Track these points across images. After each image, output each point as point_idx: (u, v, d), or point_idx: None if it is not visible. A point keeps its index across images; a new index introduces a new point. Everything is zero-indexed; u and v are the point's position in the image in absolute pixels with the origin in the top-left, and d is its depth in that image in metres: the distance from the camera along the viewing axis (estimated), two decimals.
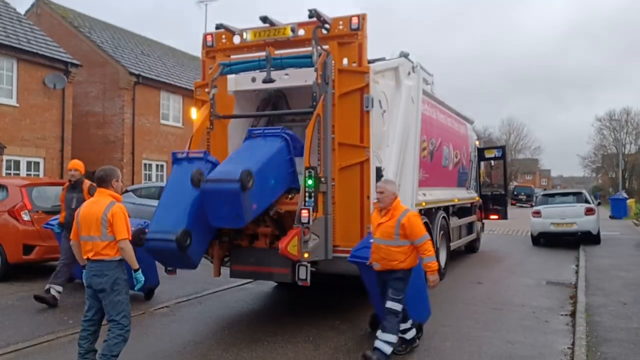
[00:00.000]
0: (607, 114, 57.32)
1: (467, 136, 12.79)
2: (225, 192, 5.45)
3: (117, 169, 5.00)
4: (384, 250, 5.18)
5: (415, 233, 5.13)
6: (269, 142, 6.20)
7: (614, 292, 8.40)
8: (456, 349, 5.66)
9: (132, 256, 4.55)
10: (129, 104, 19.64)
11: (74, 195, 7.51)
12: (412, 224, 5.14)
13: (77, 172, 7.66)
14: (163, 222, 5.74)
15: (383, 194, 5.29)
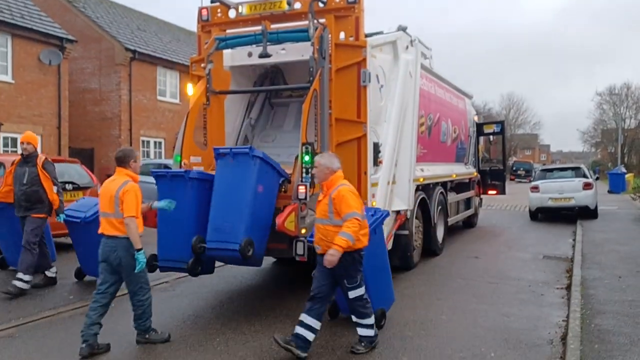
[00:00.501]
0: (607, 89, 57.12)
1: (465, 111, 12.74)
2: (228, 257, 5.65)
3: (135, 150, 5.14)
4: (322, 230, 4.72)
5: (343, 208, 4.55)
6: (242, 169, 5.55)
7: (609, 265, 8.48)
8: (452, 322, 5.74)
9: (135, 234, 4.67)
10: (126, 80, 19.48)
11: (26, 170, 6.90)
12: (341, 198, 4.59)
13: (30, 146, 6.99)
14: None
15: (317, 168, 4.89)
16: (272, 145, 7.70)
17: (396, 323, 5.69)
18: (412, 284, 7.48)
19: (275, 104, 8.29)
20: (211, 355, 4.76)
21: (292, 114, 7.97)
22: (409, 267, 8.19)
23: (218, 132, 7.33)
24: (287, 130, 7.78)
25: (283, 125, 7.96)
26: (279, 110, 8.22)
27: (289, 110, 8.07)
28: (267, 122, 8.14)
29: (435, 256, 9.39)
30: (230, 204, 5.51)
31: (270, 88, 8.05)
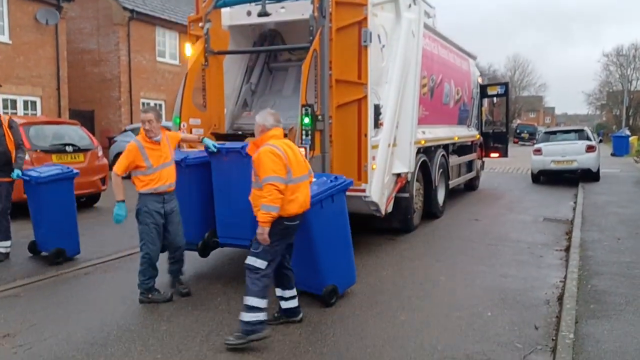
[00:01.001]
0: (614, 50, 55.96)
1: (469, 72, 12.54)
2: (242, 247, 5.56)
3: (152, 111, 5.25)
4: (251, 194, 4.30)
5: (260, 172, 4.10)
6: (237, 166, 5.36)
7: (609, 227, 8.51)
8: (450, 283, 5.81)
9: (116, 187, 5.20)
10: (124, 40, 19.16)
11: None
12: (258, 161, 4.12)
13: None
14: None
15: (255, 125, 4.43)
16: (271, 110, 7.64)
17: (395, 284, 5.77)
18: (411, 246, 7.54)
19: (274, 69, 8.19)
20: (212, 314, 4.84)
21: (291, 79, 7.88)
22: (409, 230, 8.24)
23: (217, 94, 7.25)
24: (287, 95, 7.71)
25: (282, 90, 7.88)
26: (278, 75, 8.14)
27: (288, 75, 7.98)
28: (266, 87, 8.07)
29: (436, 219, 9.43)
30: (233, 200, 5.46)
31: (270, 48, 7.91)
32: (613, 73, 56.46)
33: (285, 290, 4.57)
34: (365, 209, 6.95)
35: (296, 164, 4.23)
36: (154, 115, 5.12)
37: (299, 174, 4.24)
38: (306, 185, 4.35)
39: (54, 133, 9.94)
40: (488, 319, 4.75)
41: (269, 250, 4.15)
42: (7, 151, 6.66)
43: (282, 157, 4.10)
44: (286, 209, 4.15)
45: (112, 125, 19.27)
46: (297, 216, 4.26)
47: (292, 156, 4.23)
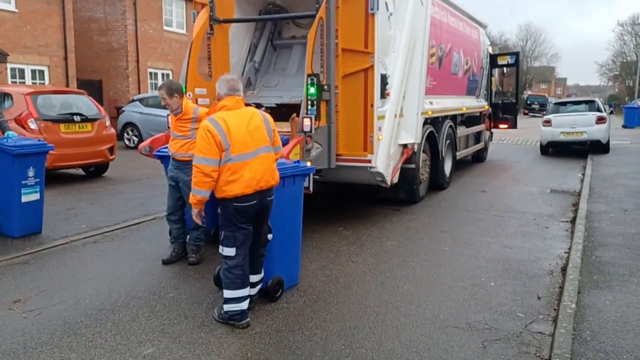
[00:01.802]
0: (630, 18, 54.61)
1: (479, 42, 12.31)
2: None
3: (163, 87, 5.19)
4: None
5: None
6: None
7: (616, 199, 8.47)
8: (454, 253, 5.84)
9: None
10: (131, 9, 18.97)
11: None
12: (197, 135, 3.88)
13: None
14: None
15: None
16: (275, 89, 7.61)
17: (399, 254, 5.81)
18: (417, 216, 7.56)
19: (278, 46, 8.12)
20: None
21: (295, 57, 7.83)
22: (415, 201, 8.25)
23: (223, 63, 7.19)
24: (291, 74, 7.66)
25: (286, 69, 7.82)
26: (282, 53, 8.07)
27: (292, 53, 7.92)
28: (270, 65, 8.01)
29: (442, 190, 9.43)
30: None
31: (275, 17, 7.82)
32: (627, 43, 55.26)
33: (252, 275, 4.17)
34: (371, 179, 6.96)
35: (242, 140, 3.76)
36: (164, 92, 5.13)
37: (245, 151, 3.76)
38: (259, 161, 3.83)
39: (62, 102, 9.96)
40: (491, 288, 4.79)
41: (229, 235, 3.86)
42: None
43: (215, 135, 3.67)
44: (227, 190, 3.76)
45: (120, 95, 19.26)
46: (246, 197, 3.78)
47: (236, 131, 3.75)
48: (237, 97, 3.93)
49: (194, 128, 5.15)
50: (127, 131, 16.37)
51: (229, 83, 3.95)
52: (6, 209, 6.25)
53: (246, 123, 3.85)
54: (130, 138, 16.32)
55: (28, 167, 6.22)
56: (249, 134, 3.83)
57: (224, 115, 3.80)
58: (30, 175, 6.25)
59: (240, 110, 3.91)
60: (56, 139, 8.68)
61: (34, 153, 6.26)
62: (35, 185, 6.33)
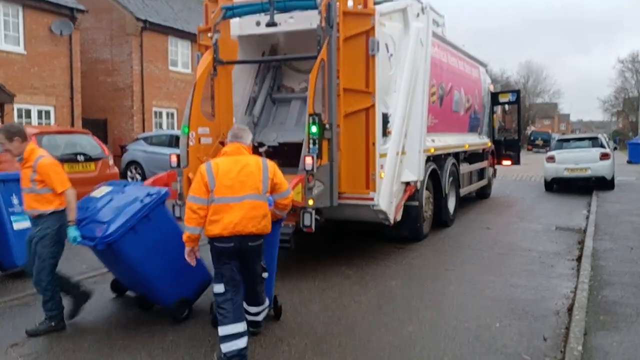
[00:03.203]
0: (630, 56, 55.37)
1: (479, 80, 12.48)
2: None
3: (12, 127, 4.78)
4: None
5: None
6: None
7: (622, 236, 8.38)
8: (459, 293, 5.75)
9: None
10: (137, 50, 19.40)
11: None
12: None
13: None
14: None
15: None
16: (274, 144, 7.60)
17: (403, 294, 5.73)
18: (421, 254, 7.49)
19: (277, 100, 8.17)
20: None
21: (294, 111, 7.87)
22: (418, 238, 8.18)
23: (226, 103, 7.31)
24: (289, 128, 7.65)
25: (285, 123, 7.81)
26: (281, 107, 8.11)
27: (290, 107, 7.96)
28: (269, 119, 8.00)
29: (446, 227, 9.37)
30: None
31: (277, 58, 7.96)
32: (629, 79, 55.95)
33: (249, 307, 4.37)
34: (374, 217, 6.93)
35: (226, 184, 3.91)
36: (3, 136, 4.58)
37: (230, 194, 3.90)
38: (243, 207, 3.91)
39: (66, 142, 10.09)
40: (496, 330, 4.69)
41: (217, 272, 4.00)
42: None
43: (204, 176, 3.92)
44: (209, 229, 3.92)
45: (124, 133, 19.48)
46: (224, 238, 3.89)
47: (224, 175, 3.94)
48: (238, 144, 4.16)
49: (33, 179, 4.51)
50: (131, 169, 16.48)
51: (233, 130, 4.31)
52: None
53: (238, 169, 4.00)
54: (133, 176, 16.41)
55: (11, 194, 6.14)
56: (239, 179, 3.96)
57: (219, 160, 4.08)
58: (15, 202, 6.15)
59: (237, 157, 4.09)
60: None
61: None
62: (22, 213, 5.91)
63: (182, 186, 6.40)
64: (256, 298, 4.40)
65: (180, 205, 6.41)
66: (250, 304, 4.39)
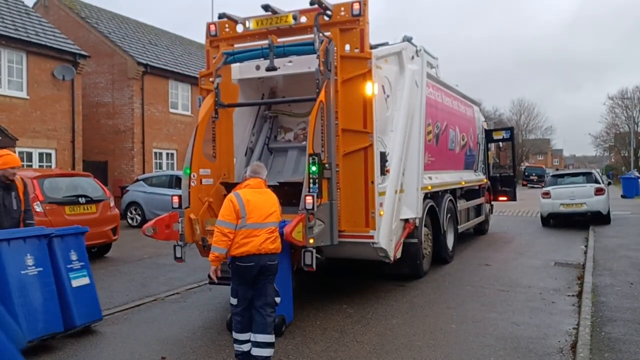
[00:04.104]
0: (619, 92, 56.47)
1: (474, 118, 12.74)
2: None
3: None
4: None
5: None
6: None
7: (621, 272, 8.41)
8: (461, 331, 5.74)
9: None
10: (138, 93, 19.76)
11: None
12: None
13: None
14: None
15: None
16: (274, 184, 7.67)
17: (405, 332, 5.71)
18: (421, 292, 7.48)
19: (274, 150, 8.31)
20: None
21: (291, 160, 8.02)
22: (419, 275, 8.19)
23: (227, 145, 7.45)
24: (286, 178, 7.68)
25: (282, 172, 7.91)
26: (278, 157, 8.26)
27: (287, 157, 8.10)
28: (267, 168, 8.09)
29: (446, 264, 9.38)
30: None
31: (277, 100, 8.16)
32: (619, 115, 56.84)
33: (256, 335, 4.65)
34: (374, 255, 6.97)
35: (258, 211, 4.66)
36: None
37: (258, 221, 4.64)
38: (266, 231, 4.66)
39: (68, 185, 10.16)
40: None
41: (233, 288, 4.76)
42: (19, 217, 5.94)
43: (235, 204, 4.62)
44: (235, 250, 4.59)
45: (124, 175, 19.61)
46: (247, 257, 4.57)
47: (256, 204, 4.69)
48: (259, 179, 4.97)
49: None
50: (131, 210, 16.52)
51: (252, 167, 5.12)
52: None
53: (264, 200, 4.80)
54: (133, 217, 16.44)
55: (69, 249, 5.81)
56: (265, 209, 4.73)
57: (245, 191, 4.80)
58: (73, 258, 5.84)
59: (260, 189, 4.89)
60: (61, 221, 8.77)
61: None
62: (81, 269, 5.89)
63: (184, 227, 6.45)
64: (265, 326, 4.64)
65: (181, 245, 6.45)
66: (256, 331, 4.65)
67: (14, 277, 5.10)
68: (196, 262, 7.89)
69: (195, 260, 7.57)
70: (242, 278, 4.66)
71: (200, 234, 6.50)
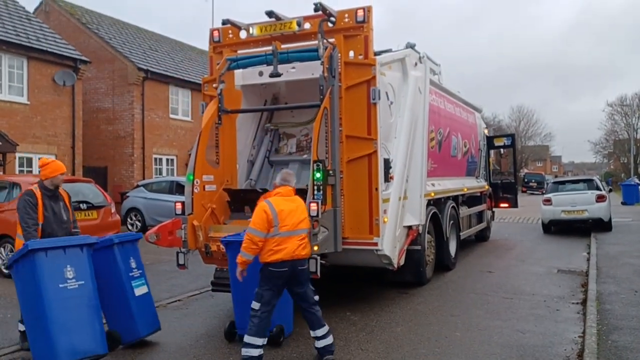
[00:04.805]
0: (618, 99, 56.67)
1: (475, 125, 12.75)
2: None
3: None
4: None
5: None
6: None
7: (625, 279, 8.38)
8: (466, 339, 5.70)
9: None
10: (138, 99, 19.74)
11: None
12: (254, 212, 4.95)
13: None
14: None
15: None
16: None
17: (410, 340, 5.68)
18: (425, 300, 7.44)
19: (275, 163, 8.25)
20: None
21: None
22: (422, 283, 8.16)
23: (230, 151, 7.43)
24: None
25: None
26: (279, 170, 8.09)
27: (289, 169, 8.01)
28: (267, 182, 8.01)
29: (449, 271, 9.35)
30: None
31: (281, 107, 8.14)
32: (618, 122, 57.03)
33: (316, 330, 4.99)
34: (378, 262, 6.93)
35: (290, 219, 4.86)
36: None
37: (290, 229, 4.85)
38: (298, 238, 4.89)
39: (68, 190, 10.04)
40: None
41: (260, 293, 4.85)
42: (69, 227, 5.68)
43: (269, 214, 4.80)
44: (271, 257, 4.78)
45: (124, 180, 19.56)
46: (281, 263, 4.78)
47: (288, 212, 4.89)
48: (289, 187, 5.15)
49: None
50: (131, 216, 16.47)
51: (282, 175, 5.28)
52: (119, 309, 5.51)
53: (295, 208, 4.99)
54: (133, 223, 16.39)
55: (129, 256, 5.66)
56: (296, 217, 4.93)
57: (277, 199, 4.96)
58: (133, 265, 5.67)
59: (290, 197, 5.08)
60: None
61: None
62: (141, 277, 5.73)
63: (187, 234, 6.41)
64: (319, 320, 5.01)
65: (184, 252, 6.41)
66: (315, 328, 4.99)
67: (51, 291, 4.55)
68: (198, 268, 7.85)
69: (197, 267, 7.53)
70: (272, 283, 4.84)
71: (203, 240, 6.46)
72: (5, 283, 8.83)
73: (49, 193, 5.46)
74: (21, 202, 5.28)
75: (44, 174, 5.47)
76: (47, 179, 5.47)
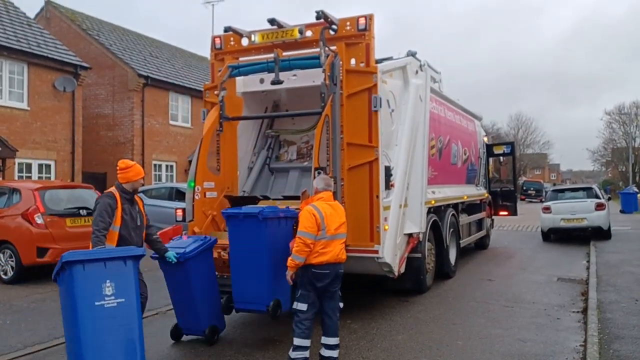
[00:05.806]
0: (616, 108, 56.82)
1: (475, 133, 12.77)
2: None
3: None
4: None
5: (298, 225, 5.03)
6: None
7: (625, 288, 8.37)
8: (468, 348, 5.68)
9: None
10: (138, 105, 19.77)
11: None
12: (300, 216, 5.07)
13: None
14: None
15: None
16: (279, 197, 7.59)
17: (411, 349, 5.66)
18: (425, 307, 7.43)
19: (275, 170, 8.22)
20: None
21: (292, 181, 7.95)
22: (422, 290, 8.14)
23: (231, 157, 7.44)
24: (288, 198, 7.48)
25: (284, 192, 7.75)
26: (279, 177, 8.15)
27: (289, 177, 8.02)
28: (267, 189, 7.99)
29: (449, 279, 9.33)
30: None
31: (282, 114, 8.15)
32: (616, 130, 57.12)
33: (329, 338, 5.05)
34: (378, 270, 6.92)
35: (333, 224, 5.01)
36: None
37: (335, 233, 5.01)
38: (340, 242, 5.08)
39: (69, 197, 10.11)
40: None
41: (305, 294, 4.97)
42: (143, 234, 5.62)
43: (317, 217, 4.92)
44: (317, 259, 4.91)
45: None
46: (325, 265, 4.92)
47: (331, 216, 5.03)
48: (330, 192, 5.31)
49: None
50: None
51: (325, 181, 5.37)
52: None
53: (337, 212, 5.16)
54: None
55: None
56: (339, 221, 5.11)
57: (322, 204, 5.09)
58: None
59: (332, 202, 5.25)
60: (61, 233, 8.73)
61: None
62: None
63: None
64: (336, 329, 5.08)
65: None
66: (328, 335, 5.05)
67: (85, 309, 4.11)
68: None
69: None
70: (314, 285, 4.96)
71: None
72: (5, 289, 8.80)
73: (127, 196, 5.35)
74: (101, 204, 5.13)
75: (126, 177, 5.34)
76: (128, 182, 5.38)
